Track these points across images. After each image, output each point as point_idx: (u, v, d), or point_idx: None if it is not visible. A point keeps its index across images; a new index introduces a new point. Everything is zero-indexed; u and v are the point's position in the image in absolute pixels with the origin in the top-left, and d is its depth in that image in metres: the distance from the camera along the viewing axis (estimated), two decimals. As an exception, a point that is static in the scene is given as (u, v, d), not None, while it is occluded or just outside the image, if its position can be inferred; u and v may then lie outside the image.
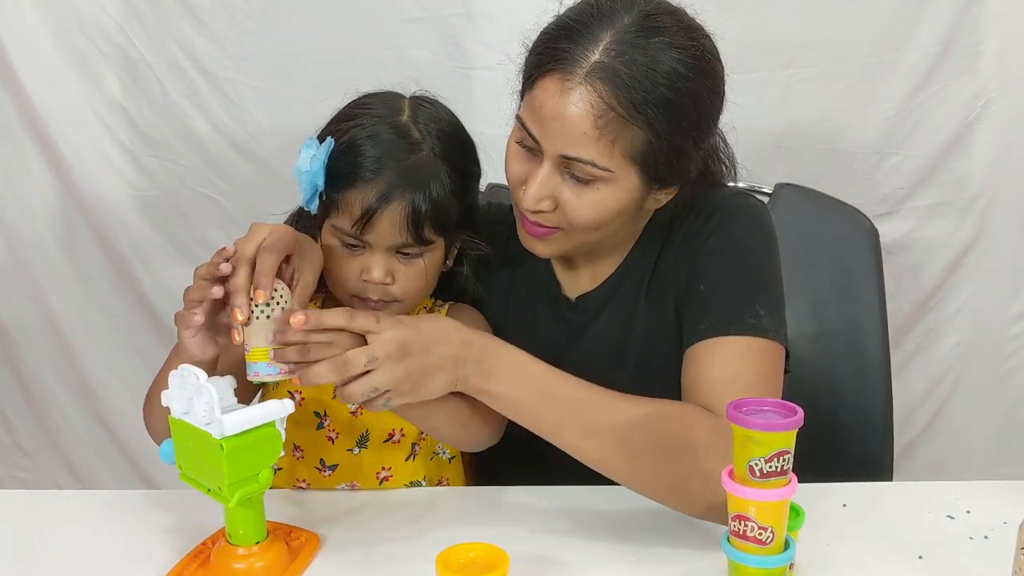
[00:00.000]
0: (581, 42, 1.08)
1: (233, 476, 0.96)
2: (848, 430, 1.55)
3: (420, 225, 1.13)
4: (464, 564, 0.91)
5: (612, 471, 1.07)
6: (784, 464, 0.92)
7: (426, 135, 1.16)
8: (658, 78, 1.06)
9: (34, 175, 1.97)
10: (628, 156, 1.09)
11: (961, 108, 1.86)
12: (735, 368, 1.11)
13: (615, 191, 1.12)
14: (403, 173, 1.13)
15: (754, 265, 1.18)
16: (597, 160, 1.09)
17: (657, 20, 1.09)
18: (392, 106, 1.19)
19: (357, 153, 1.14)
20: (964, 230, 1.94)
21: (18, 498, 1.31)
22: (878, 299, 1.56)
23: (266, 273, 1.00)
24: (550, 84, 1.09)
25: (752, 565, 0.93)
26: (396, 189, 1.12)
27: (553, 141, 1.10)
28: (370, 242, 1.14)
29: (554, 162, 1.11)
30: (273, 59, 1.88)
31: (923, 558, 1.06)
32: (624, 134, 1.07)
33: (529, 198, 1.13)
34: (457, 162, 1.17)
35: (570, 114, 1.07)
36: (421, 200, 1.13)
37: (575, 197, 1.12)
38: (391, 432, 1.24)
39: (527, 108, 1.13)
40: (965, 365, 2.03)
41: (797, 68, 1.83)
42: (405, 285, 1.17)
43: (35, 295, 2.03)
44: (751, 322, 1.13)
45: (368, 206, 1.12)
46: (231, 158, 1.93)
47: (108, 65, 1.91)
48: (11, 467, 2.15)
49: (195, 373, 0.97)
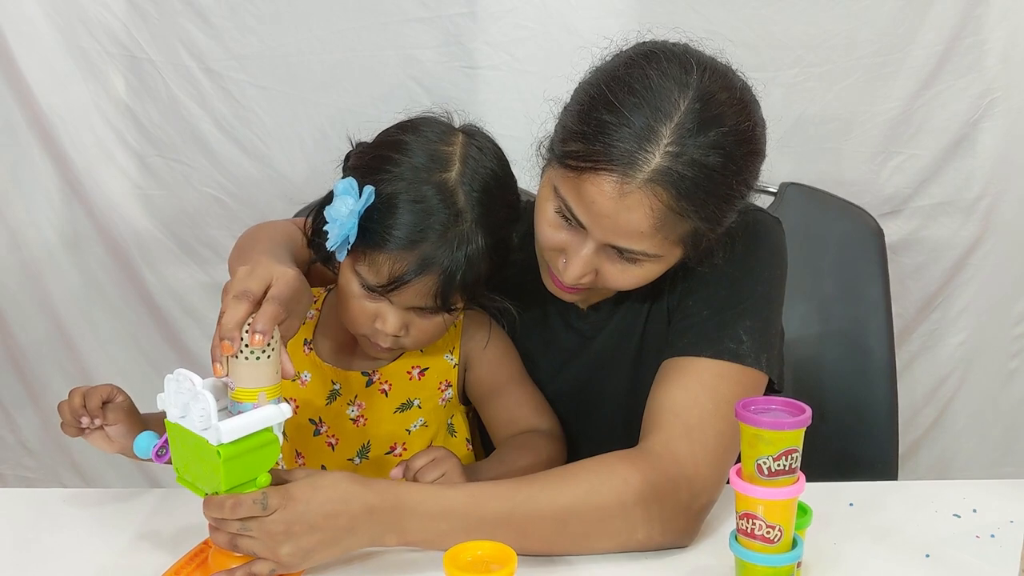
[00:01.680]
0: (638, 140, 1.01)
1: (230, 481, 0.96)
2: (853, 430, 1.55)
3: (448, 296, 1.10)
4: (472, 562, 0.91)
5: (564, 553, 1.05)
6: (792, 463, 0.92)
7: (469, 200, 1.09)
8: (716, 176, 1.03)
9: (39, 175, 1.97)
10: (678, 241, 1.08)
11: (966, 107, 1.86)
12: (696, 393, 1.09)
13: (659, 266, 1.10)
14: (441, 247, 1.07)
15: (746, 287, 1.16)
16: (649, 251, 1.07)
17: (713, 106, 1.03)
18: (440, 157, 1.10)
19: (396, 214, 1.07)
20: (969, 230, 1.94)
21: (22, 496, 1.32)
22: (883, 299, 1.57)
23: (270, 322, 0.96)
24: (605, 184, 1.02)
25: (760, 563, 0.93)
26: (431, 264, 1.07)
27: (604, 233, 1.06)
28: (391, 300, 1.11)
29: (600, 244, 1.08)
30: (278, 58, 1.87)
31: (930, 557, 1.06)
32: (678, 227, 1.05)
33: (571, 276, 1.10)
34: (496, 225, 1.11)
35: (626, 216, 1.03)
36: (454, 276, 1.08)
37: (618, 272, 1.10)
38: (392, 446, 1.23)
39: (572, 193, 1.06)
40: (969, 365, 2.02)
41: (802, 67, 1.83)
42: (418, 337, 1.15)
43: (40, 294, 2.02)
44: (729, 346, 1.11)
45: (399, 276, 1.07)
46: (236, 158, 1.93)
47: (113, 65, 1.90)
48: (15, 465, 2.15)
49: (190, 378, 0.96)
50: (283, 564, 0.98)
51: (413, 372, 1.22)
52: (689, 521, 1.06)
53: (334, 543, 0.99)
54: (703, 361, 1.11)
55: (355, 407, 1.22)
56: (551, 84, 1.20)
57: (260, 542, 0.97)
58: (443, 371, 1.23)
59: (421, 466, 1.08)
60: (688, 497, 1.05)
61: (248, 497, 0.97)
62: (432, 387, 1.23)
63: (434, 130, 1.13)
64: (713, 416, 1.07)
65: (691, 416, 1.08)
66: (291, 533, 0.97)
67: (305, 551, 0.98)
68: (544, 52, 1.82)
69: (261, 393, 0.98)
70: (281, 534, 0.97)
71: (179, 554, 1.06)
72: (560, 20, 1.80)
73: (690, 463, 1.06)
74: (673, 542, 1.07)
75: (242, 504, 0.96)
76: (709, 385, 1.10)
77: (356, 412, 1.22)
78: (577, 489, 1.04)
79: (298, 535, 0.97)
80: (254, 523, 0.97)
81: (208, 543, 1.06)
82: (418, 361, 1.22)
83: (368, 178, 1.08)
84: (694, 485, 1.05)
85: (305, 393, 1.22)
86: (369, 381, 1.21)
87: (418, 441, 1.23)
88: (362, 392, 1.21)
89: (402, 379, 1.22)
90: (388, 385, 1.22)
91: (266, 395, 0.99)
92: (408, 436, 1.23)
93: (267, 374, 0.99)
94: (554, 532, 1.03)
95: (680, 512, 1.05)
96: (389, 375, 1.22)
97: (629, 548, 1.05)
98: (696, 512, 1.07)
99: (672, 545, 1.07)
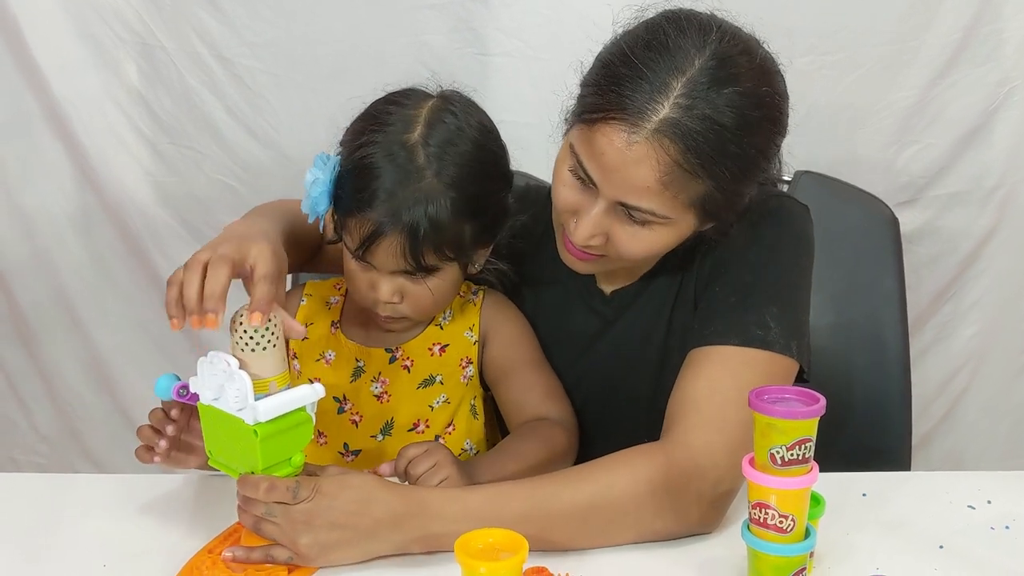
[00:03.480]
0: (649, 91, 1.01)
1: (267, 460, 0.98)
2: (866, 420, 1.54)
3: (419, 255, 1.10)
4: (483, 549, 0.91)
5: (586, 547, 1.05)
6: (806, 452, 0.91)
7: (433, 159, 1.10)
8: (727, 135, 1.02)
9: (52, 162, 1.98)
10: (689, 204, 1.06)
11: (983, 96, 1.85)
12: (718, 383, 1.09)
13: (670, 231, 1.09)
14: (399, 205, 1.09)
15: (773, 272, 1.15)
16: (657, 210, 1.06)
17: (730, 66, 1.03)
18: (407, 119, 1.12)
19: (359, 178, 1.11)
20: (984, 220, 1.93)
21: (36, 482, 1.32)
22: (897, 289, 1.55)
23: (268, 300, 0.99)
24: (614, 134, 1.03)
25: (772, 553, 0.93)
26: (390, 222, 1.09)
27: (613, 189, 1.06)
28: (374, 265, 1.13)
29: (610, 203, 1.08)
30: (290, 46, 1.88)
31: (944, 548, 1.05)
32: (688, 187, 1.04)
33: (580, 235, 1.10)
34: (469, 184, 1.11)
35: (634, 169, 1.03)
36: (416, 231, 1.09)
37: (629, 236, 1.09)
38: (415, 423, 1.23)
39: (585, 145, 1.07)
40: (982, 357, 2.01)
41: (817, 55, 1.82)
42: (414, 304, 1.16)
43: (52, 281, 2.04)
44: (756, 333, 1.10)
45: (366, 236, 1.10)
46: (248, 145, 1.93)
47: (126, 52, 1.91)
48: (28, 451, 2.16)
49: (225, 359, 0.97)
50: (300, 555, 0.99)
51: (434, 349, 1.23)
52: (705, 511, 1.06)
53: (353, 544, 1.00)
54: (730, 349, 1.10)
55: (379, 383, 1.22)
56: (563, 71, 1.20)
57: (281, 529, 0.98)
58: (464, 348, 1.23)
59: (414, 456, 1.08)
60: (703, 487, 1.05)
61: (283, 483, 0.98)
62: (454, 363, 1.23)
63: (411, 98, 1.15)
64: (735, 404, 1.04)
65: (711, 405, 1.07)
66: (312, 525, 0.98)
67: (323, 545, 0.99)
68: (557, 38, 1.81)
69: (272, 383, 0.99)
70: (302, 524, 0.98)
71: (196, 538, 1.06)
72: (573, 6, 1.79)
73: (706, 453, 1.05)
74: (691, 530, 1.06)
75: (276, 488, 0.98)
76: (735, 373, 1.09)
77: (380, 389, 1.23)
78: (596, 485, 1.04)
79: (318, 528, 0.98)
80: (279, 509, 0.98)
81: (239, 525, 1.07)
82: (439, 337, 1.23)
83: (347, 149, 1.13)
84: (710, 475, 1.05)
85: (330, 373, 1.23)
86: (392, 358, 1.23)
87: (441, 417, 1.23)
88: (385, 368, 1.22)
89: (424, 355, 1.22)
90: (411, 361, 1.22)
91: (276, 384, 1.00)
92: (431, 412, 1.23)
93: (274, 363, 1.00)
94: (575, 528, 1.03)
95: (693, 503, 1.05)
96: (411, 351, 1.22)
97: (649, 538, 1.06)
98: (712, 501, 1.06)
99: (692, 533, 1.07)
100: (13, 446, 2.16)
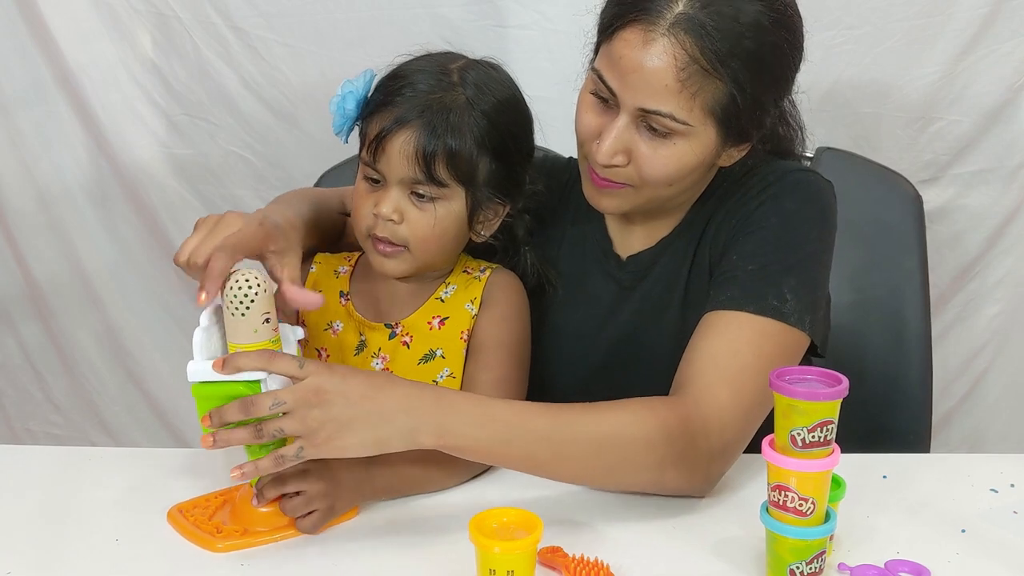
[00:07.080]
0: None
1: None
2: (885, 400, 1.52)
3: (431, 162, 1.10)
4: (497, 528, 0.90)
5: (593, 483, 1.07)
6: (827, 434, 0.89)
7: (470, 85, 1.14)
8: (743, 30, 1.05)
9: (66, 133, 1.97)
10: (708, 110, 1.08)
11: (1010, 72, 1.80)
12: (737, 346, 1.09)
13: (692, 145, 1.10)
14: (424, 104, 1.11)
15: (794, 244, 1.15)
16: (677, 113, 1.07)
17: None
18: (448, 58, 1.17)
19: (392, 80, 1.14)
20: (1008, 198, 1.89)
21: (52, 454, 1.32)
22: (920, 267, 1.53)
23: (214, 278, 0.97)
24: (631, 35, 1.07)
25: (792, 536, 0.91)
26: (411, 117, 1.10)
27: (632, 94, 1.08)
28: (383, 172, 1.13)
29: (631, 115, 1.10)
30: (305, 16, 1.85)
31: (966, 532, 1.04)
32: (706, 87, 1.06)
33: (604, 152, 1.11)
34: (498, 121, 1.14)
35: (652, 66, 1.06)
36: (436, 135, 1.10)
37: (651, 151, 1.10)
38: None
39: (605, 59, 1.11)
40: (1005, 337, 1.98)
41: (840, 29, 1.78)
42: (414, 228, 1.14)
43: (67, 253, 2.03)
44: (773, 304, 1.10)
45: (381, 129, 1.11)
46: (262, 116, 1.92)
47: (140, 23, 1.90)
48: (44, 423, 2.17)
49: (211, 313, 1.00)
50: (310, 432, 0.95)
51: (434, 322, 1.21)
52: (709, 471, 1.07)
53: (367, 425, 0.96)
54: (745, 316, 1.10)
55: (379, 360, 1.22)
56: (582, 44, 1.17)
57: (291, 409, 0.95)
58: (464, 320, 1.21)
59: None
60: (713, 447, 1.05)
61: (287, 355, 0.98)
62: (454, 336, 1.21)
63: (444, 55, 1.19)
64: (753, 370, 1.06)
65: (731, 366, 1.07)
66: (324, 400, 0.95)
67: (337, 422, 0.95)
68: (575, 10, 1.77)
69: (238, 350, 0.99)
70: (314, 396, 0.95)
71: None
72: (592, -23, 1.76)
73: (722, 414, 1.05)
74: (692, 489, 1.07)
75: (280, 358, 0.96)
76: (750, 340, 1.09)
77: (381, 365, 1.22)
78: (616, 420, 1.04)
79: (330, 403, 0.95)
80: (286, 391, 0.95)
81: (232, 493, 1.07)
82: (439, 310, 1.22)
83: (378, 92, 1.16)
84: (723, 435, 1.05)
85: (337, 343, 1.23)
86: (392, 334, 1.21)
87: None
88: (385, 345, 1.21)
89: (423, 330, 1.21)
90: (409, 337, 1.21)
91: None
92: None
93: (245, 332, 0.99)
94: (589, 457, 1.03)
95: (703, 460, 1.05)
96: (410, 327, 1.21)
97: (655, 488, 1.06)
98: (713, 459, 1.06)
99: (692, 492, 1.07)
100: (29, 417, 2.18)
